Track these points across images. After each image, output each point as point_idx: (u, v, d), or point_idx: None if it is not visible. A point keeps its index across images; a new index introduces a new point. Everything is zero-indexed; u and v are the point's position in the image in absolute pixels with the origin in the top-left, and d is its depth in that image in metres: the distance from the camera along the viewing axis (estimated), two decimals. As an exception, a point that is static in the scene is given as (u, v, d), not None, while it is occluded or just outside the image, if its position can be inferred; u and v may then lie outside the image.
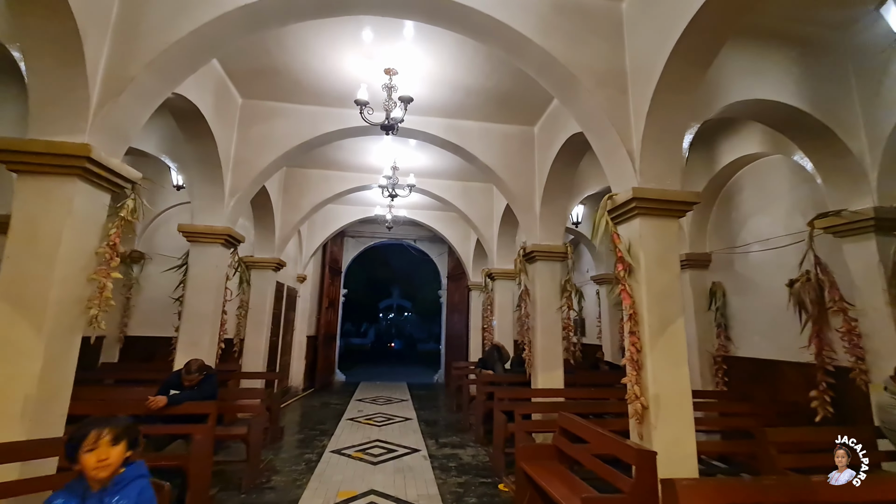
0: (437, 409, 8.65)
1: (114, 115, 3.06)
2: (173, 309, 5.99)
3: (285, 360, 9.43)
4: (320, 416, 7.71)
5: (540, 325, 5.66)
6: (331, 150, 7.25)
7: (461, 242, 10.93)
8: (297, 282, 10.19)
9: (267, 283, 7.68)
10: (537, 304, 5.74)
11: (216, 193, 5.32)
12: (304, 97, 5.59)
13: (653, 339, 3.27)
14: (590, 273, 9.86)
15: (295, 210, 7.99)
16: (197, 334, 5.09)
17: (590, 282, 9.86)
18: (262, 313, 7.55)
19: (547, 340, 5.65)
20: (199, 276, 5.23)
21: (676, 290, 3.40)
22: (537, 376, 5.60)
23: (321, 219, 10.38)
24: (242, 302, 7.49)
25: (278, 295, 8.68)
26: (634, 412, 3.24)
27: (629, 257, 3.46)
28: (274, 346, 8.52)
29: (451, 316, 12.62)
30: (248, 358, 7.38)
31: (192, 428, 3.65)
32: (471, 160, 6.24)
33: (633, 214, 3.48)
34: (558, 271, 5.89)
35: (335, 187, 8.18)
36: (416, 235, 13.16)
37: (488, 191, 8.67)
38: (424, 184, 8.32)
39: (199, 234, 5.25)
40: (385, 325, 38.48)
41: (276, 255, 7.75)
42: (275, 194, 7.58)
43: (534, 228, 5.92)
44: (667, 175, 3.50)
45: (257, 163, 5.58)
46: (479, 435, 6.13)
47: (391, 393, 10.44)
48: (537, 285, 5.80)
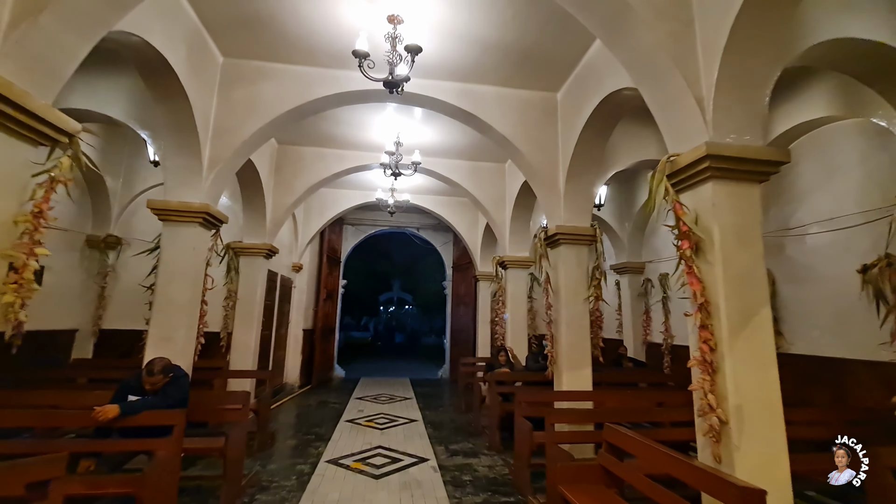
0: (443, 408, 7.98)
1: (33, 39, 2.32)
2: (151, 299, 5.28)
3: (279, 356, 8.75)
4: (317, 417, 7.04)
5: (565, 318, 4.96)
6: (326, 123, 6.52)
7: (468, 230, 10.21)
8: (293, 271, 9.48)
9: (257, 271, 6.96)
10: (561, 294, 5.03)
11: (192, 165, 4.59)
12: (294, 55, 4.84)
13: (732, 334, 2.56)
14: (609, 262, 9.14)
15: (288, 192, 7.26)
16: (170, 327, 4.38)
17: (608, 271, 9.15)
18: (252, 304, 6.84)
19: (573, 335, 4.95)
20: (172, 261, 4.51)
21: (761, 272, 2.69)
22: (562, 376, 4.91)
23: (318, 204, 9.66)
24: (230, 292, 6.79)
25: (271, 285, 7.98)
26: (709, 428, 2.53)
27: (698, 232, 2.74)
28: (266, 341, 7.83)
29: (456, 309, 11.92)
30: (237, 354, 6.69)
31: (153, 443, 2.96)
32: (484, 131, 5.50)
33: (703, 178, 2.76)
34: (585, 256, 5.18)
35: (332, 167, 7.45)
36: (420, 223, 12.44)
37: (499, 172, 7.94)
38: (430, 164, 7.59)
39: (172, 213, 4.53)
40: (386, 319, 37.83)
41: (267, 241, 7.03)
42: (265, 174, 6.85)
43: (557, 208, 5.20)
44: (747, 128, 2.77)
45: (241, 131, 4.84)
46: (494, 441, 5.45)
47: (393, 390, 9.77)
48: (561, 273, 5.09)
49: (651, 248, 7.70)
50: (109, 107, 4.89)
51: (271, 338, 8.09)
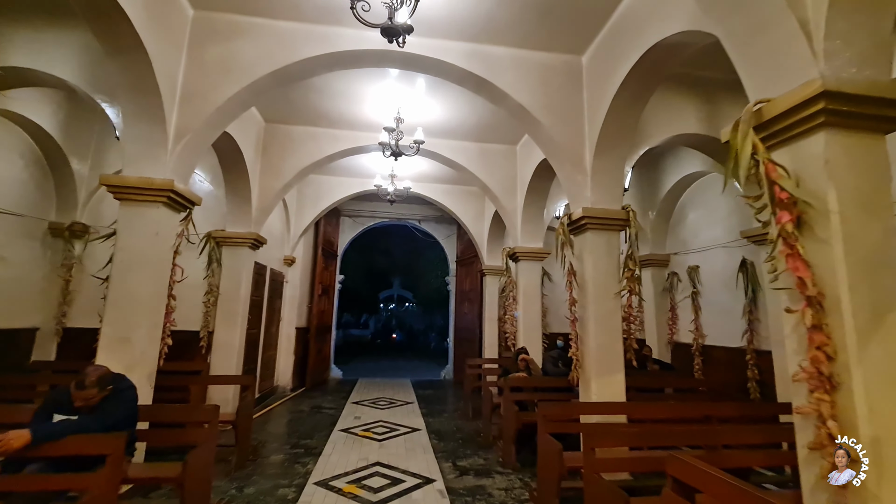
0: (448, 414, 7.28)
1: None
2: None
3: (269, 356, 8.05)
4: (308, 425, 6.34)
5: (593, 316, 4.26)
6: (317, 96, 5.80)
7: (474, 221, 9.49)
8: (284, 265, 8.78)
9: (242, 263, 6.26)
10: (589, 288, 4.33)
11: (155, 135, 3.88)
12: (276, 8, 4.13)
13: (862, 338, 1.85)
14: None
15: (276, 175, 6.54)
16: (128, 326, 3.68)
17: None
18: (236, 301, 6.14)
19: (603, 335, 4.25)
20: (131, 248, 3.80)
21: None
22: (590, 383, 4.21)
23: (312, 192, 8.95)
24: (211, 286, 6.09)
25: (258, 279, 7.27)
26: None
27: (807, 199, 2.02)
28: (253, 340, 7.13)
29: (460, 306, 11.22)
30: (219, 355, 5.99)
31: (79, 480, 2.25)
32: (499, 100, 4.78)
33: (810, 127, 2.04)
34: (616, 244, 4.47)
35: (325, 148, 6.72)
36: (422, 215, 11.72)
37: (510, 154, 7.22)
38: (434, 145, 6.87)
39: (130, 191, 3.82)
40: (386, 317, 37.22)
41: (253, 230, 6.32)
42: (250, 155, 6.13)
43: (582, 189, 4.48)
44: (870, 59, 2.06)
45: (214, 96, 4.13)
46: (509, 457, 4.75)
47: (394, 392, 9.08)
48: (588, 263, 4.38)
49: (677, 239, 6.98)
50: (57, 66, 4.16)
51: (259, 337, 7.39)
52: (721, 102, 5.01)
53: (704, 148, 5.30)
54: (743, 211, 5.77)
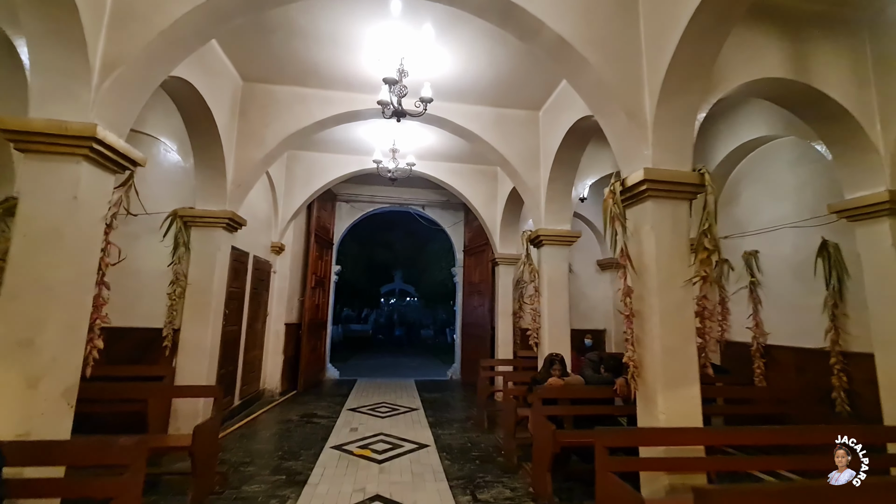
0: (459, 424, 6.28)
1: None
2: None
3: (254, 357, 7.05)
4: (295, 440, 5.35)
5: (658, 310, 3.24)
6: (302, 42, 4.76)
7: (485, 204, 8.46)
8: (272, 253, 7.76)
9: (214, 247, 5.24)
10: (651, 275, 3.30)
11: (72, 64, 2.85)
12: None
13: None
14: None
15: (256, 143, 5.51)
16: (29, 324, 2.67)
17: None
18: (207, 292, 5.13)
19: (672, 336, 3.23)
20: (38, 217, 2.79)
21: None
22: (655, 398, 3.19)
23: (302, 170, 7.93)
24: (178, 275, 5.08)
25: (239, 267, 6.27)
26: None
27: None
28: (233, 339, 6.13)
29: (469, 299, 10.20)
30: (187, 357, 4.99)
31: None
32: (531, 35, 3.70)
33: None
34: (684, 217, 3.44)
35: (315, 112, 5.68)
36: (426, 200, 10.69)
37: (531, 122, 6.17)
38: (444, 110, 5.85)
39: (36, 139, 2.80)
40: (387, 311, 36.34)
41: (228, 208, 5.31)
42: (224, 118, 5.10)
43: (640, 145, 3.44)
44: None
45: (157, 16, 3.09)
46: (542, 487, 3.74)
47: (396, 396, 8.10)
48: (649, 242, 3.35)
49: (730, 220, 5.92)
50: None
51: (240, 334, 6.38)
52: (810, 41, 3.96)
53: (785, 101, 4.23)
54: (823, 181, 4.73)
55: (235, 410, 6.18)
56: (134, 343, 5.05)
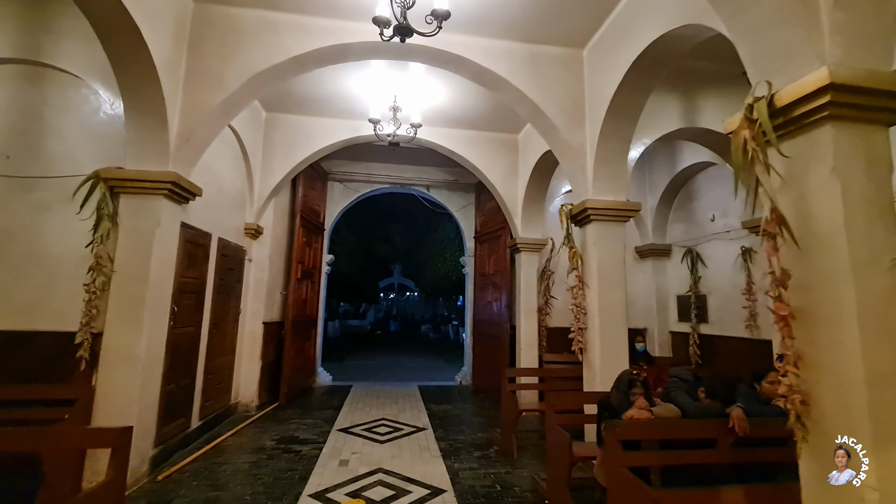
0: (481, 452, 4.91)
1: None
2: None
3: (222, 364, 5.68)
4: (263, 482, 3.99)
5: (854, 307, 1.88)
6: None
7: (505, 179, 7.08)
8: (246, 236, 6.37)
9: (152, 222, 3.86)
10: (832, 251, 1.94)
11: None
12: None
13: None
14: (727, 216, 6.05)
15: (211, 83, 4.10)
16: None
17: (720, 236, 6.10)
18: (143, 283, 3.77)
19: (881, 353, 1.88)
20: None
21: None
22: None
23: (284, 136, 6.54)
24: (101, 260, 3.70)
25: (198, 251, 4.88)
26: None
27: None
28: (188, 344, 4.76)
29: (481, 293, 8.82)
30: (112, 372, 3.65)
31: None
32: None
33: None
34: (885, 155, 2.07)
35: (291, 44, 4.26)
36: (430, 180, 9.29)
37: (574, 63, 4.77)
38: (462, 46, 4.46)
39: None
40: (386, 306, 35.17)
41: (171, 169, 3.92)
42: (164, 48, 3.70)
43: (817, 29, 2.05)
44: None
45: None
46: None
47: (398, 409, 6.76)
48: (825, 194, 1.98)
49: None
50: None
51: (199, 338, 5.01)
52: None
53: None
54: None
55: (192, 436, 4.82)
56: (37, 353, 3.68)
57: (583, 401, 4.11)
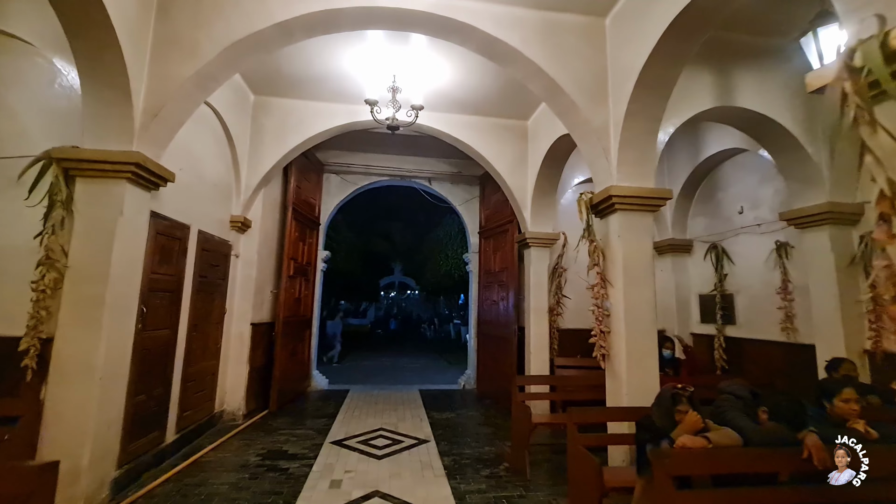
0: (490, 470, 4.40)
1: None
2: None
3: (203, 370, 5.17)
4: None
5: None
6: None
7: (513, 169, 6.55)
8: (232, 230, 5.86)
9: (114, 210, 3.35)
10: None
11: None
12: None
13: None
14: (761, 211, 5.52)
15: (184, 52, 3.58)
16: None
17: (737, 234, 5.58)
18: (102, 280, 3.26)
19: None
20: None
21: None
22: None
23: (274, 122, 6.03)
24: (52, 254, 3.19)
25: (173, 245, 4.36)
26: None
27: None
28: (161, 349, 4.25)
29: (485, 291, 8.30)
30: (64, 383, 3.14)
31: None
32: None
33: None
34: None
35: (274, 9, 3.72)
36: (432, 172, 8.77)
37: (595, 32, 4.24)
38: (468, 13, 3.93)
39: None
40: (386, 305, 34.74)
41: (135, 149, 3.40)
42: (128, 6, 3.18)
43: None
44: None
45: None
46: None
47: (398, 417, 6.25)
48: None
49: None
50: None
51: (176, 342, 4.49)
52: None
53: None
54: None
55: (167, 451, 4.32)
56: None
57: (608, 417, 3.59)
